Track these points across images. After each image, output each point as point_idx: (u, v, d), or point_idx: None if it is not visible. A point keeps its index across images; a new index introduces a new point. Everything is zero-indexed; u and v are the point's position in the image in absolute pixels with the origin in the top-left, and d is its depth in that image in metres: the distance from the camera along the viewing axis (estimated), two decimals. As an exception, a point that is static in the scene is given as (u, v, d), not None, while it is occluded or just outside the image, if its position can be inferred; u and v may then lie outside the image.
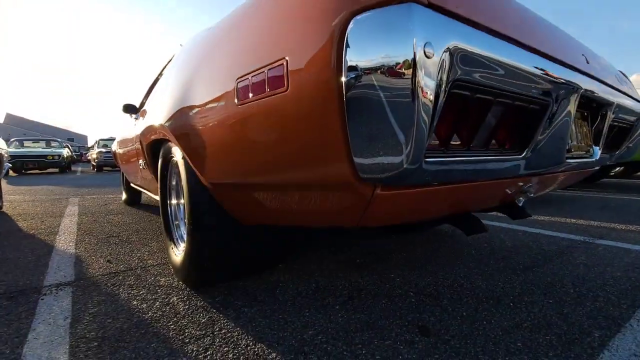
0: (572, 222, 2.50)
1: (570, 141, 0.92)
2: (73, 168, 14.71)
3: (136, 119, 2.28)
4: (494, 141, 0.73)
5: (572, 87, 0.77)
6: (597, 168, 1.37)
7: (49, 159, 10.35)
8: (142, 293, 1.29)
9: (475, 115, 0.63)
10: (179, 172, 1.33)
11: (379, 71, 0.49)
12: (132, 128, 2.35)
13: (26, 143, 11.59)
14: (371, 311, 1.13)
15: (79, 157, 25.30)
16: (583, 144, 0.99)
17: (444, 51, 0.50)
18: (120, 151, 3.13)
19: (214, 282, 1.30)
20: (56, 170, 11.57)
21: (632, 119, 1.25)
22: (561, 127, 0.81)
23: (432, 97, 0.48)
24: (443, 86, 0.50)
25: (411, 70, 0.47)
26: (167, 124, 1.18)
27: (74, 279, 1.45)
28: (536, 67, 0.64)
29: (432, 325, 1.04)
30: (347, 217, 0.64)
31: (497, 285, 1.33)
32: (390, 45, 0.48)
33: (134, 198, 3.61)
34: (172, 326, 1.04)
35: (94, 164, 12.66)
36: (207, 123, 0.88)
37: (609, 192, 4.34)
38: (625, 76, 1.33)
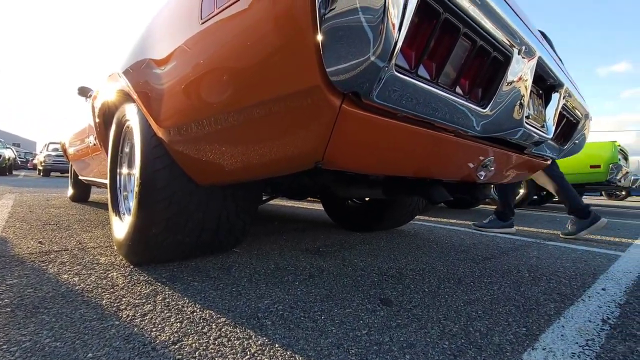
0: (524, 229, 2.63)
1: (528, 109, 0.96)
2: (15, 173, 13.41)
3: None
4: (459, 90, 0.74)
5: (531, 49, 0.81)
6: (548, 160, 1.45)
7: (-15, 158, 9.34)
8: (76, 269, 1.13)
9: (444, 47, 0.63)
10: (132, 137, 1.23)
11: None
12: (84, 112, 2.19)
13: (-39, 140, 10.40)
14: (332, 287, 1.07)
15: (24, 163, 23.08)
16: (539, 119, 1.05)
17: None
18: (70, 140, 2.90)
19: (160, 257, 1.18)
20: (-6, 172, 10.44)
21: (579, 113, 1.35)
22: (520, 89, 0.84)
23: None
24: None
25: None
26: (122, 71, 1.09)
27: (-7, 255, 1.25)
28: (503, 11, 0.67)
29: (394, 298, 1.00)
30: (312, 145, 0.60)
31: (457, 270, 1.33)
32: None
33: (82, 194, 3.31)
34: (107, 296, 0.91)
35: (41, 168, 11.55)
36: (165, 57, 0.82)
37: (555, 212, 4.68)
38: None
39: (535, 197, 5.84)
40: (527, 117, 0.96)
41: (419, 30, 0.58)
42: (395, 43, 0.50)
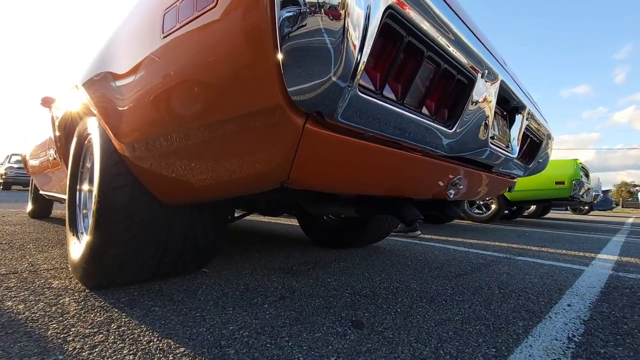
0: (495, 245, 2.70)
1: (493, 130, 0.99)
2: (-29, 185, 12.50)
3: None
4: (425, 111, 0.74)
5: (494, 72, 0.84)
6: (515, 178, 1.49)
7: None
8: (23, 295, 1.04)
9: (408, 69, 0.64)
10: (93, 151, 1.16)
11: None
12: (46, 123, 2.08)
13: None
14: (303, 309, 1.03)
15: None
16: (504, 139, 1.08)
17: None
18: (31, 152, 2.74)
19: (120, 281, 1.10)
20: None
21: (541, 134, 1.41)
22: (485, 110, 0.86)
23: (363, 16, 0.47)
24: (376, 7, 0.49)
25: None
26: (82, 83, 1.04)
27: None
28: (466, 37, 0.69)
29: (366, 320, 0.97)
30: (276, 164, 0.58)
31: (430, 288, 1.33)
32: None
33: (43, 210, 3.11)
34: (54, 326, 0.83)
35: (1, 180, 10.88)
36: (125, 71, 0.78)
37: (524, 227, 4.85)
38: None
39: (506, 212, 6.05)
40: (492, 138, 0.98)
41: (383, 52, 0.58)
42: (357, 64, 0.49)
